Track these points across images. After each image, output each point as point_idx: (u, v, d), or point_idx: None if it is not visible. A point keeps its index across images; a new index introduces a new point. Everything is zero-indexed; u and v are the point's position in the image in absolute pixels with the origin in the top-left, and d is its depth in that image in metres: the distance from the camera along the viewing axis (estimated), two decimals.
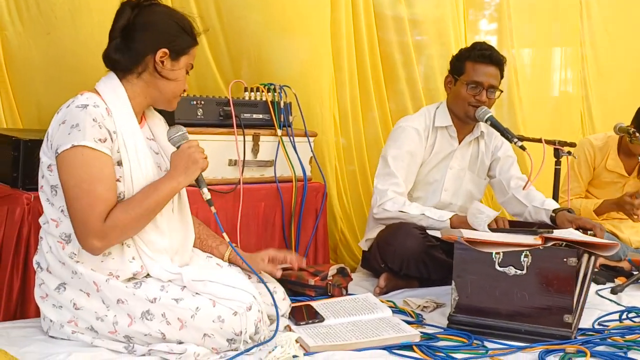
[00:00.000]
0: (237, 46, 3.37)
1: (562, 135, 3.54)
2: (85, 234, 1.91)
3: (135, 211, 1.95)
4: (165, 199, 2.00)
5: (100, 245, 1.92)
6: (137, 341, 1.97)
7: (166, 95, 2.08)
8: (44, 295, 2.04)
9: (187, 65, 2.09)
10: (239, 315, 1.96)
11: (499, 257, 2.30)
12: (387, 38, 3.86)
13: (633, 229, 3.61)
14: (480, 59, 2.95)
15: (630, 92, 4.82)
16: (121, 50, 2.03)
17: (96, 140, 1.91)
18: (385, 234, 2.91)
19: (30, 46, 2.80)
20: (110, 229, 1.91)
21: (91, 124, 1.90)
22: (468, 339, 2.25)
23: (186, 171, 2.02)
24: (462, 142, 3.08)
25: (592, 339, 2.27)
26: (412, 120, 3.08)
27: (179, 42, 2.05)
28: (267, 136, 3.00)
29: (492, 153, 3.16)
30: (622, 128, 3.41)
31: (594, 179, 3.78)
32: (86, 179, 1.90)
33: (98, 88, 2.03)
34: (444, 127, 3.05)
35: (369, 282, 3.06)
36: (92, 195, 1.90)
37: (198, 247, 2.30)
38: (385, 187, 2.92)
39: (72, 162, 1.90)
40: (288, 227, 3.05)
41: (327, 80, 3.50)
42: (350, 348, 2.11)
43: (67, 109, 1.95)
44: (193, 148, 2.05)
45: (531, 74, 4.59)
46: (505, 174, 3.13)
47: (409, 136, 3.00)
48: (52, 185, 1.99)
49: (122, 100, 2.02)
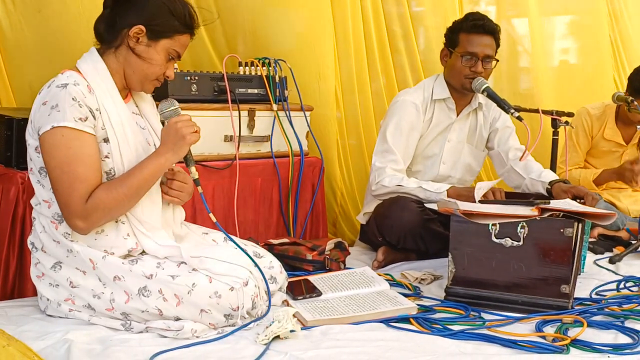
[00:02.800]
0: (231, 20, 3.34)
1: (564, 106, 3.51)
2: (68, 215, 1.92)
3: (118, 191, 1.93)
4: (151, 177, 1.98)
5: (84, 226, 1.92)
6: (134, 318, 1.97)
7: (137, 75, 2.03)
8: (40, 275, 2.04)
9: (168, 51, 2.02)
10: (236, 291, 1.96)
11: (495, 228, 2.30)
12: (388, 10, 3.83)
13: (631, 198, 3.60)
14: (473, 30, 2.92)
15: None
16: (105, 22, 2.01)
17: (76, 120, 1.89)
18: (382, 208, 2.90)
19: (22, 25, 2.79)
20: (92, 209, 1.91)
21: (70, 104, 1.89)
22: (465, 310, 2.25)
23: (174, 147, 1.99)
24: (460, 114, 3.06)
25: (589, 309, 2.27)
26: (410, 93, 3.06)
27: (160, 23, 1.99)
28: (262, 111, 2.98)
29: (490, 124, 3.14)
30: (620, 97, 3.40)
31: (592, 148, 3.77)
32: (66, 161, 1.89)
33: (79, 65, 2.01)
34: (442, 100, 3.03)
35: (366, 255, 3.07)
36: (73, 176, 1.89)
37: None
38: (383, 165, 2.91)
39: (53, 144, 1.89)
40: (285, 202, 3.04)
41: (328, 52, 3.46)
42: (347, 321, 2.12)
43: (47, 90, 1.93)
44: (181, 123, 2.01)
45: (531, 45, 4.55)
46: (504, 145, 3.11)
47: (407, 110, 2.98)
48: (40, 167, 1.98)
49: (103, 76, 2.00)
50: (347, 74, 3.66)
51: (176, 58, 2.06)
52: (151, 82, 2.06)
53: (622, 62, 4.76)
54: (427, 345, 1.97)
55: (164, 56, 2.03)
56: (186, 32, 2.04)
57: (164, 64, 2.03)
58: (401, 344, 1.97)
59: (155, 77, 2.05)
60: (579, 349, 1.96)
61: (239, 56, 3.06)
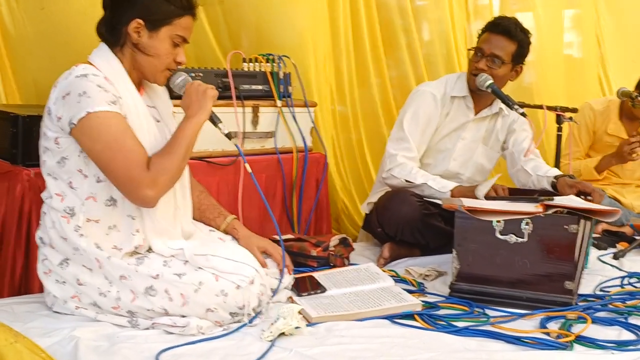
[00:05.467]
0: (235, 16, 3.34)
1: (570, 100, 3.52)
2: (135, 187, 1.91)
3: (173, 154, 1.96)
4: (192, 138, 2.01)
5: (154, 194, 1.93)
6: (140, 315, 1.98)
7: (148, 69, 2.04)
8: (47, 271, 2.04)
9: (172, 37, 2.02)
10: (242, 289, 1.97)
11: (499, 225, 2.30)
12: (387, 3, 3.82)
13: (635, 193, 3.61)
14: (489, 28, 2.92)
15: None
16: (105, 23, 2.03)
17: (108, 103, 1.91)
18: (383, 199, 2.92)
19: (25, 21, 2.78)
20: (158, 174, 1.93)
21: (97, 90, 1.90)
22: (469, 307, 2.26)
23: (200, 105, 2.03)
24: (478, 114, 3.04)
25: (593, 305, 2.28)
26: (431, 85, 3.07)
27: (156, 11, 1.99)
28: (266, 107, 2.98)
29: (507, 127, 3.11)
30: (624, 92, 3.39)
31: (595, 143, 3.76)
32: (112, 139, 1.90)
33: (92, 60, 2.01)
34: (461, 97, 3.02)
35: (371, 251, 3.07)
36: (126, 150, 1.91)
37: (197, 218, 2.29)
38: (396, 152, 2.92)
39: (93, 128, 1.89)
40: (289, 198, 3.05)
41: (324, 47, 3.47)
42: (352, 318, 2.13)
43: (66, 81, 1.94)
44: (196, 83, 2.07)
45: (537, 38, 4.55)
46: (518, 145, 3.08)
47: (426, 100, 2.99)
48: (61, 158, 1.97)
49: (117, 69, 2.01)
50: (341, 69, 3.65)
51: (182, 43, 2.06)
52: (162, 72, 2.07)
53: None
54: (432, 341, 1.98)
55: (169, 44, 2.03)
56: (184, 14, 2.04)
57: (170, 51, 2.04)
58: (406, 340, 1.98)
59: (165, 67, 2.06)
60: (583, 345, 1.97)
61: (243, 51, 3.06)
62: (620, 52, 4.89)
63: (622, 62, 4.89)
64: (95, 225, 1.98)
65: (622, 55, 4.88)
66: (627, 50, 4.91)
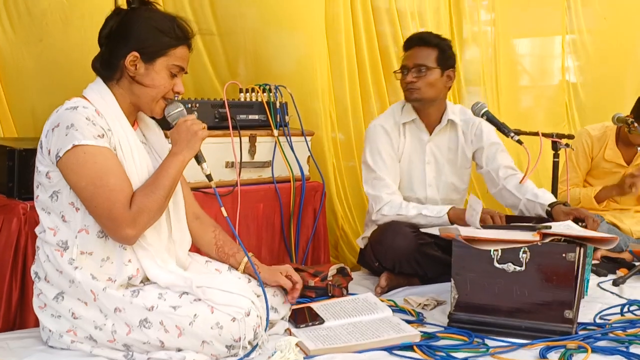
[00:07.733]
0: (233, 45, 3.36)
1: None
2: (116, 226, 1.92)
3: (155, 193, 1.96)
4: (176, 176, 2.02)
5: (134, 233, 1.93)
6: (135, 349, 1.96)
7: (144, 100, 2.05)
8: (42, 305, 2.04)
9: (168, 67, 2.04)
10: (238, 321, 1.95)
11: (497, 254, 2.29)
12: (383, 30, 3.85)
13: (634, 219, 3.60)
14: (405, 46, 3.01)
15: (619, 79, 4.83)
16: (100, 59, 2.05)
17: (95, 137, 1.92)
18: (377, 233, 2.91)
19: (23, 54, 2.79)
20: (138, 214, 1.93)
21: (85, 123, 1.91)
22: (469, 337, 2.24)
23: (188, 144, 2.03)
24: (432, 133, 3.05)
25: (593, 334, 2.26)
26: (379, 119, 3.10)
27: (151, 43, 2.01)
28: (263, 137, 2.99)
29: (472, 142, 3.08)
30: (620, 118, 3.39)
31: (593, 169, 3.76)
32: (97, 175, 1.90)
33: (85, 93, 2.03)
34: (411, 121, 3.04)
35: (369, 280, 3.06)
36: (109, 189, 1.91)
37: (214, 254, 2.29)
38: (377, 192, 2.93)
39: (77, 162, 1.90)
40: (287, 227, 3.04)
41: (323, 75, 3.48)
42: (350, 350, 2.11)
43: (57, 114, 1.96)
44: (190, 121, 2.06)
45: (530, 64, 4.58)
46: (492, 163, 3.04)
47: (378, 134, 3.01)
48: (53, 192, 1.98)
49: (110, 103, 2.02)
50: (342, 97, 3.67)
51: (180, 72, 2.08)
52: (158, 103, 2.07)
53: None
54: None
55: (166, 74, 2.04)
56: (179, 44, 2.05)
57: (168, 81, 2.05)
58: None
59: (162, 96, 2.06)
60: None
61: (241, 79, 3.09)
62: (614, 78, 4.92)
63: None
64: (89, 258, 1.98)
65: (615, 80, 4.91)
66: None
